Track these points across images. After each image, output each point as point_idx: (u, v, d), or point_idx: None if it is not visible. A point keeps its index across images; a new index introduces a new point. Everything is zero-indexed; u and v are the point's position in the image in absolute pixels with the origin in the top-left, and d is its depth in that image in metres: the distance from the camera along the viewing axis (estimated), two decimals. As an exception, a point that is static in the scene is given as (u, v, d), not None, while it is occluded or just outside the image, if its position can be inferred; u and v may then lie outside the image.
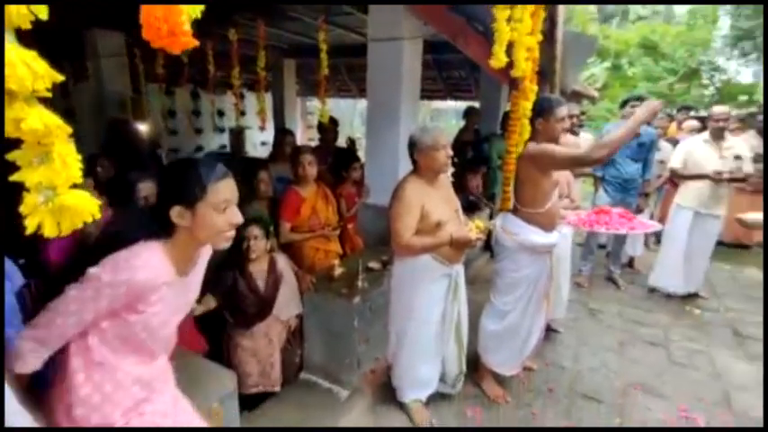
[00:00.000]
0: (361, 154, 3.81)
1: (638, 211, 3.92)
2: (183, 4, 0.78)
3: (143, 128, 4.91)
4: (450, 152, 2.11)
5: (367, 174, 3.36)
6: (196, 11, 0.79)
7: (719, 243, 4.97)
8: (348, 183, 3.32)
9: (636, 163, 3.84)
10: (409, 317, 2.22)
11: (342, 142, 6.64)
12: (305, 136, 8.09)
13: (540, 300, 2.47)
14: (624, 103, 4.00)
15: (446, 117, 17.35)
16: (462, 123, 5.70)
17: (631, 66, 13.26)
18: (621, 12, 20.99)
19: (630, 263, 4.72)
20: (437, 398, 2.49)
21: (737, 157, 3.65)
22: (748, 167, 3.71)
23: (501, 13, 1.44)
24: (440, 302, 2.23)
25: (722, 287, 4.32)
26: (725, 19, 10.42)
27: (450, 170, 3.75)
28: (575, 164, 2.18)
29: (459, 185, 4.00)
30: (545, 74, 2.76)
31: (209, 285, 1.95)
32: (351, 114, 14.89)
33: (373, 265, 2.74)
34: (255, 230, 2.26)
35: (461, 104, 8.00)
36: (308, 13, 3.88)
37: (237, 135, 6.91)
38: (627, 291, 4.17)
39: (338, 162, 3.44)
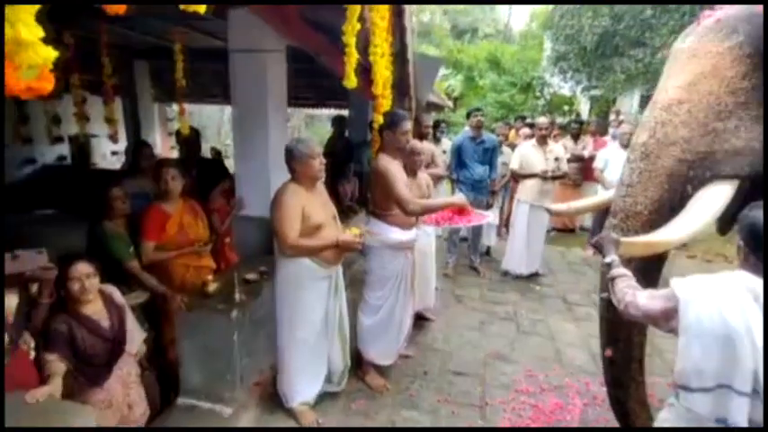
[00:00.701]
0: (230, 163, 3.70)
1: (489, 206, 4.55)
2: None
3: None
4: (324, 160, 2.27)
5: (238, 184, 3.28)
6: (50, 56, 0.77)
7: (552, 229, 6.06)
8: (218, 195, 3.22)
9: (483, 165, 4.47)
10: (294, 318, 2.32)
11: (215, 150, 6.28)
12: (166, 144, 7.40)
13: (408, 291, 2.76)
14: (468, 114, 4.63)
15: (321, 123, 17.44)
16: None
17: (481, 78, 15.03)
18: (472, 30, 23.68)
19: (488, 251, 5.41)
20: (324, 398, 2.59)
21: (557, 159, 4.50)
22: (565, 167, 4.62)
23: (351, 38, 1.59)
24: (322, 302, 2.38)
25: (555, 265, 5.22)
26: (548, 42, 12.50)
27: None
28: (397, 201, 2.46)
29: (334, 193, 4.15)
30: (402, 89, 3.07)
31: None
32: (219, 121, 14.03)
33: (251, 276, 2.71)
34: (85, 268, 1.93)
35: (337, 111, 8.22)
36: (158, 14, 3.61)
37: (81, 145, 6.04)
38: (486, 276, 4.78)
39: (204, 174, 3.30)
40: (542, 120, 4.60)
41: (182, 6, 1.02)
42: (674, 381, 1.33)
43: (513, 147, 5.24)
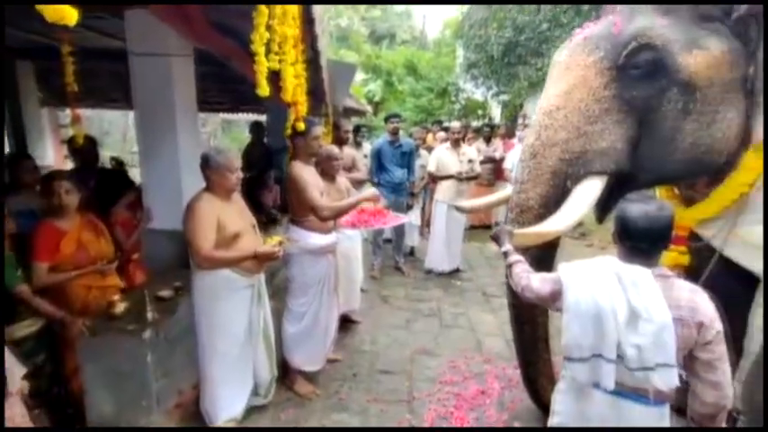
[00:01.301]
0: (137, 172, 3.44)
1: (409, 207, 4.73)
2: None
3: None
4: (241, 175, 2.24)
5: (146, 195, 3.08)
6: None
7: (470, 226, 6.42)
8: (121, 208, 2.98)
9: (402, 169, 4.65)
10: (216, 332, 2.25)
11: (116, 160, 5.76)
12: (60, 154, 6.63)
13: (332, 295, 2.79)
14: (386, 120, 4.78)
15: (239, 128, 16.75)
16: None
17: (400, 83, 15.49)
18: (390, 35, 24.30)
19: (411, 252, 5.60)
20: (252, 412, 2.53)
21: (470, 161, 4.80)
22: (478, 168, 4.95)
23: (259, 47, 1.59)
24: (245, 312, 2.33)
25: (474, 261, 5.55)
26: (460, 50, 13.23)
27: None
28: (310, 207, 2.51)
29: (253, 202, 4.04)
30: (318, 95, 3.09)
31: None
32: (124, 126, 12.89)
33: (164, 293, 2.56)
34: None
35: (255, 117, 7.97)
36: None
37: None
38: (410, 275, 4.95)
39: (105, 186, 3.04)
40: (455, 124, 4.91)
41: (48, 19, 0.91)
42: (563, 355, 1.52)
43: (430, 150, 5.49)
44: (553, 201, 1.81)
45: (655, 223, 1.38)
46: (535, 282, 1.56)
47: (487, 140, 6.63)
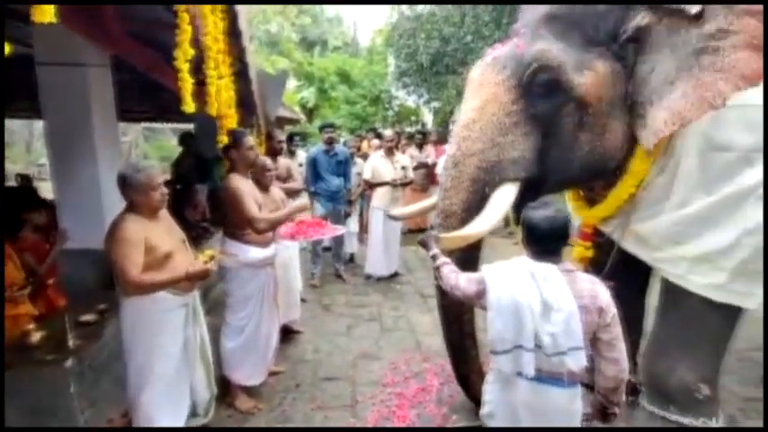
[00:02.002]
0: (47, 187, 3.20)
1: (347, 215, 4.80)
2: None
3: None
4: (166, 190, 2.14)
5: (62, 213, 2.87)
6: None
7: (408, 231, 6.61)
8: (28, 230, 2.75)
9: (338, 177, 4.72)
10: (150, 356, 2.13)
11: (22, 177, 5.27)
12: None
13: (272, 306, 2.78)
14: (321, 129, 4.83)
15: (165, 136, 15.83)
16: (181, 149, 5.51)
17: (333, 90, 15.55)
18: (322, 42, 24.25)
19: (351, 258, 5.66)
20: (190, 434, 2.44)
21: (404, 168, 4.98)
22: (411, 174, 5.15)
23: (182, 63, 1.57)
24: (180, 333, 2.24)
25: (412, 264, 5.73)
26: (392, 59, 13.57)
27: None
28: (247, 222, 2.51)
29: (181, 215, 3.90)
30: (249, 107, 3.07)
31: None
32: (27, 137, 11.69)
33: (87, 317, 2.41)
34: None
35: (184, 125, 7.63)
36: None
37: None
38: (350, 282, 5.01)
39: (10, 206, 2.79)
40: (388, 133, 5.08)
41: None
42: (489, 348, 1.67)
43: (365, 157, 5.61)
44: (474, 206, 1.98)
45: (555, 225, 1.58)
46: (462, 281, 1.71)
47: (420, 147, 6.89)
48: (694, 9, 1.74)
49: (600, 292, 1.58)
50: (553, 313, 1.50)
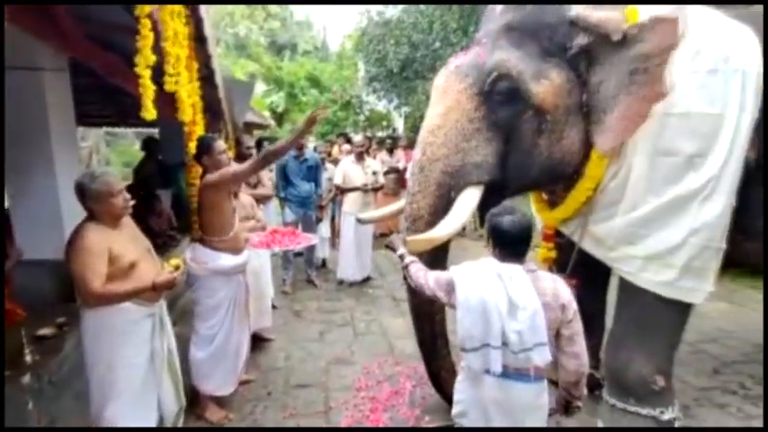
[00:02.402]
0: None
1: (318, 221, 4.79)
2: None
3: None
4: (128, 196, 2.08)
5: (17, 222, 2.74)
6: None
7: (380, 234, 6.64)
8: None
9: (309, 183, 4.71)
10: (114, 369, 2.05)
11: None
12: None
13: (242, 315, 2.74)
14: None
15: (127, 140, 15.26)
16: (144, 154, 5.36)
17: (304, 95, 15.48)
18: (291, 45, 24.08)
19: (323, 263, 5.65)
20: (158, 447, 2.38)
21: (374, 173, 5.02)
22: (382, 179, 5.19)
23: (143, 70, 1.54)
24: (146, 344, 2.16)
25: (384, 267, 5.76)
26: (361, 64, 13.62)
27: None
28: (252, 171, 2.48)
29: (146, 223, 3.80)
30: (215, 112, 3.03)
31: None
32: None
33: (46, 331, 2.32)
34: None
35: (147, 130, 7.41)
36: None
37: None
38: (323, 288, 4.99)
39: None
40: (358, 138, 5.13)
41: None
42: (459, 346, 1.71)
43: (336, 162, 5.61)
44: (440, 209, 2.03)
45: (520, 229, 1.65)
46: (430, 280, 1.75)
47: (390, 152, 6.96)
48: (616, 36, 1.89)
49: (561, 289, 1.65)
50: (519, 311, 1.57)
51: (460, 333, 1.65)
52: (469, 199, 2.01)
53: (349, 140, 6.45)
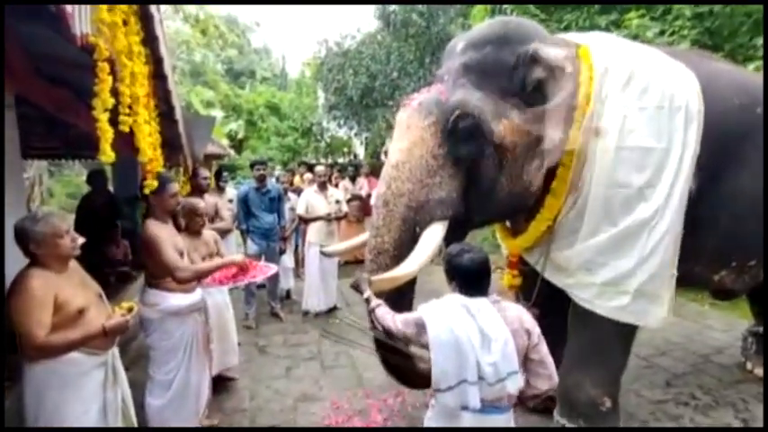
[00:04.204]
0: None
1: (282, 252, 4.71)
2: None
3: None
4: (77, 235, 1.97)
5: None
6: None
7: (345, 263, 6.58)
8: None
9: (271, 214, 4.63)
10: (60, 426, 1.88)
11: None
12: None
13: (202, 355, 2.62)
14: (252, 166, 4.75)
15: (72, 171, 14.41)
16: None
17: (263, 122, 15.38)
18: (249, 72, 24.00)
19: (288, 295, 5.51)
20: None
21: (338, 201, 5.03)
22: (345, 207, 5.19)
23: (101, 113, 1.48)
24: (98, 397, 2.00)
25: (350, 297, 5.64)
26: (321, 92, 13.76)
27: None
28: (167, 270, 2.34)
29: (99, 258, 3.59)
30: (174, 146, 2.96)
31: None
32: None
33: (-18, 388, 2.10)
34: None
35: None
36: None
37: None
38: (288, 320, 4.86)
39: None
40: (319, 168, 5.14)
41: None
42: (433, 387, 1.70)
43: (298, 191, 5.58)
44: (405, 243, 2.06)
45: (479, 265, 1.71)
46: (399, 324, 1.76)
47: (353, 180, 7.01)
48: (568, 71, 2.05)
49: (524, 316, 1.72)
50: (492, 343, 1.60)
51: (435, 373, 1.64)
52: (434, 234, 2.06)
53: (311, 168, 6.45)
